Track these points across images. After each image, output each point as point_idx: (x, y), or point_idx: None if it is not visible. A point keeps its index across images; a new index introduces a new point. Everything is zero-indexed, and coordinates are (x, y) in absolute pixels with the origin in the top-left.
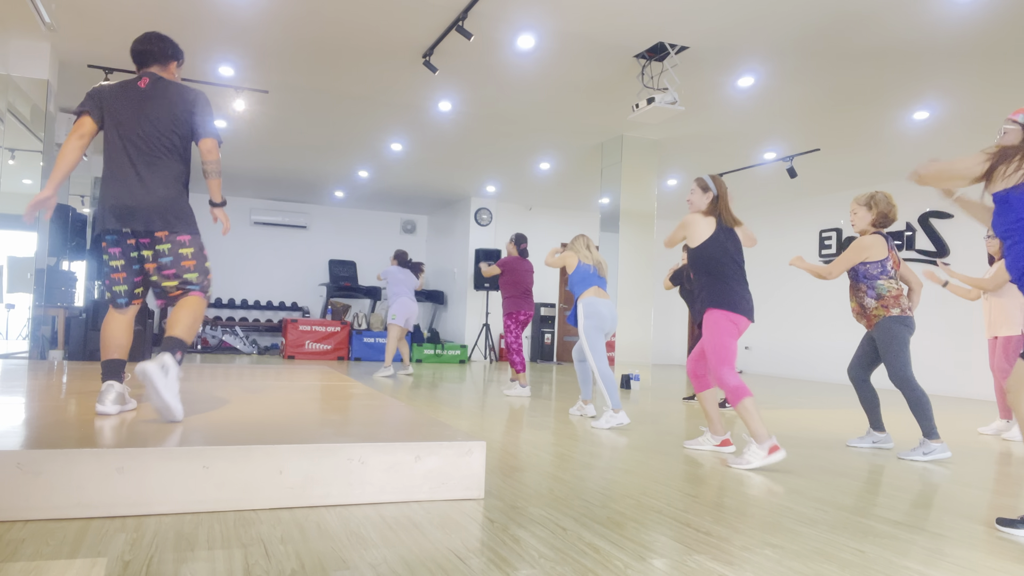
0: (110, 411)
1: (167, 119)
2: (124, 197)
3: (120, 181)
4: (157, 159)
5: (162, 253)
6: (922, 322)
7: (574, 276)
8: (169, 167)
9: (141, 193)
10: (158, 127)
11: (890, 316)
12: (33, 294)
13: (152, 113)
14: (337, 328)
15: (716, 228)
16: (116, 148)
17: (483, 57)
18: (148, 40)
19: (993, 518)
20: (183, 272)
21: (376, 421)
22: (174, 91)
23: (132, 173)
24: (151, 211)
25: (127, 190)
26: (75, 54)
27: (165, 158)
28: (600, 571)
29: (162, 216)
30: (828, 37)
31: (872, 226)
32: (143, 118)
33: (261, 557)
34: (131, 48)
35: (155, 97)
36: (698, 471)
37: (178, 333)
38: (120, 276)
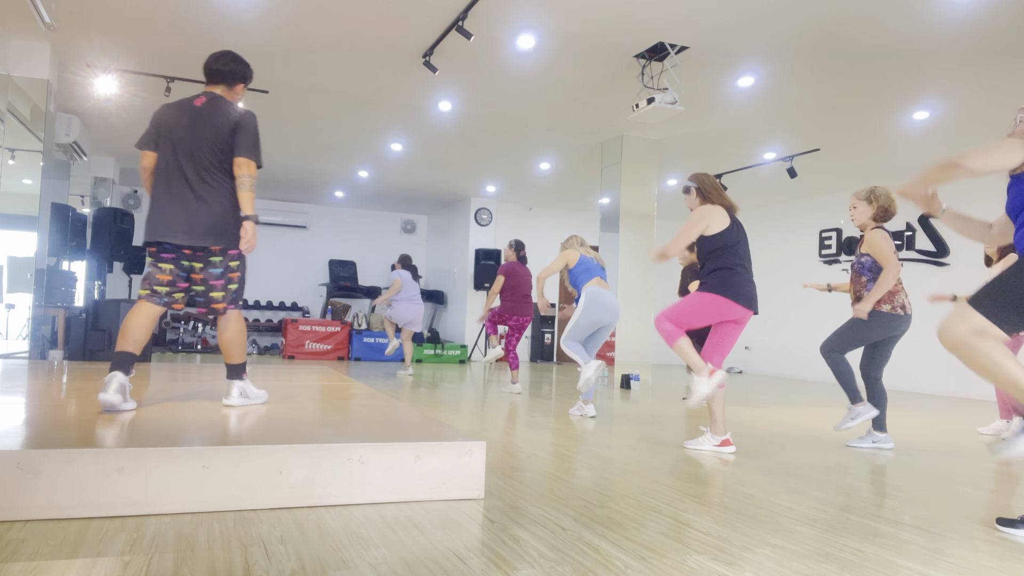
0: (112, 400)
1: (216, 138)
2: (178, 213)
3: (174, 197)
4: (209, 176)
5: (213, 264)
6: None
7: (576, 269)
8: (219, 184)
9: (195, 209)
10: (208, 145)
11: (876, 309)
12: (33, 294)
13: (203, 132)
14: (337, 328)
15: (730, 220)
16: (171, 165)
17: (483, 57)
18: (222, 60)
19: (993, 518)
20: (229, 284)
21: (376, 421)
22: (224, 110)
23: (187, 190)
24: (204, 227)
25: (182, 206)
26: (75, 54)
27: (216, 175)
28: (600, 571)
29: (215, 232)
30: (828, 37)
31: (872, 220)
32: (195, 137)
33: (261, 557)
34: (204, 64)
35: (208, 116)
36: (698, 471)
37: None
38: (166, 279)
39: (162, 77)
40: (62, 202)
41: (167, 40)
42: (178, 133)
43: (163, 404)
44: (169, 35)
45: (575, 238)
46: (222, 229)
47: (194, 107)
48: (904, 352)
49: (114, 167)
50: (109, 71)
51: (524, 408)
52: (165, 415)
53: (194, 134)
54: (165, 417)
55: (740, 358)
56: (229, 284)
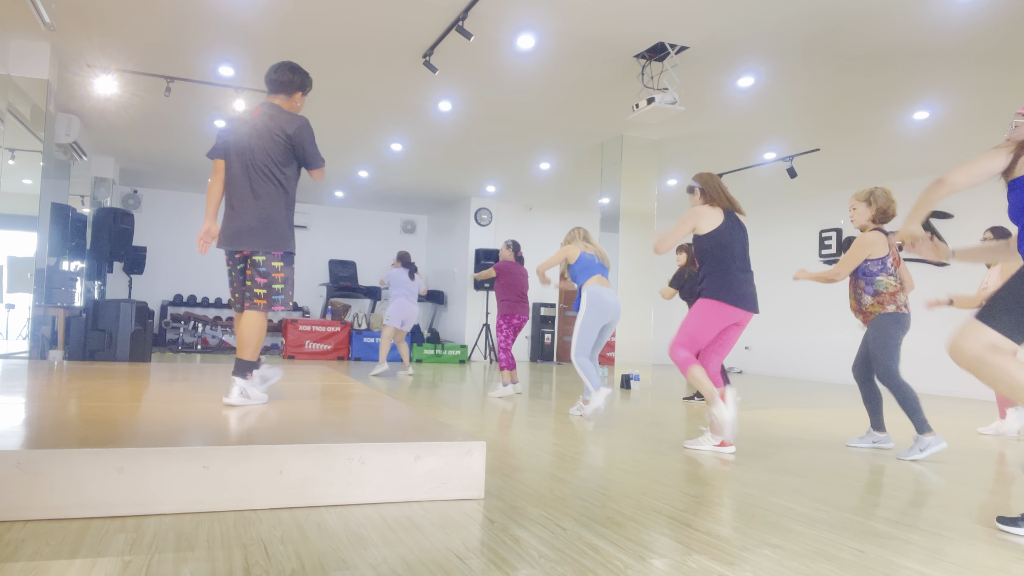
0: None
1: (269, 147)
2: (234, 219)
3: (234, 206)
4: (261, 185)
5: (257, 264)
6: (921, 322)
7: (576, 266)
8: (269, 192)
9: (247, 216)
10: (261, 155)
11: (884, 313)
12: (33, 294)
13: (257, 143)
14: (337, 328)
15: (724, 218)
16: (234, 174)
17: (483, 57)
18: (280, 71)
19: (992, 518)
20: (272, 283)
21: (376, 421)
22: (277, 120)
23: (246, 198)
24: (251, 233)
25: (238, 214)
26: (75, 54)
27: (268, 183)
28: (600, 571)
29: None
30: (828, 37)
31: (872, 222)
32: (251, 148)
33: (261, 557)
34: (265, 75)
35: (261, 127)
36: (698, 471)
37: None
38: (235, 284)
39: (162, 77)
40: (62, 202)
41: (167, 40)
42: (239, 144)
43: (163, 404)
44: (169, 35)
45: (578, 231)
46: (266, 234)
47: (253, 119)
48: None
49: (114, 167)
50: (109, 71)
51: (524, 408)
52: (165, 415)
53: (250, 145)
54: (165, 417)
55: (740, 358)
56: (273, 284)
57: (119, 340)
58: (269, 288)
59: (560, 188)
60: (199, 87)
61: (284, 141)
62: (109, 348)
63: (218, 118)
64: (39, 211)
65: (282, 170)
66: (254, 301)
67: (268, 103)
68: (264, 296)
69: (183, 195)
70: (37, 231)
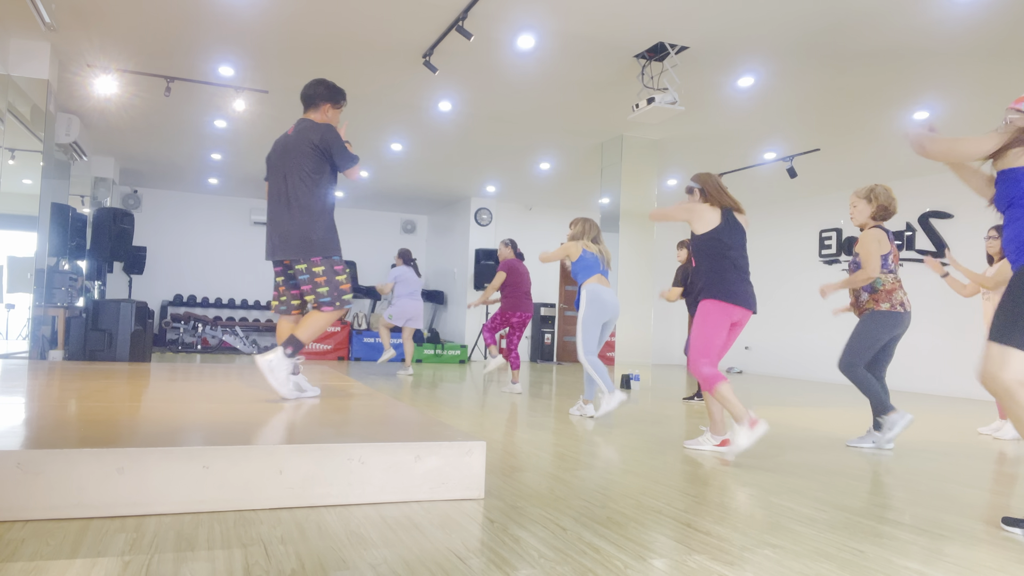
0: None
1: (300, 161)
2: (274, 233)
3: (272, 220)
4: (295, 197)
5: (301, 272)
6: (921, 322)
7: (577, 264)
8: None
9: (285, 228)
10: (295, 169)
11: (877, 310)
12: (33, 294)
13: (290, 158)
14: (337, 328)
15: (722, 218)
16: (272, 191)
17: (483, 57)
18: (309, 86)
19: (993, 518)
20: (316, 287)
21: (376, 421)
22: (306, 134)
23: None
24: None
25: (276, 227)
26: (75, 54)
27: (302, 196)
28: (600, 571)
29: (297, 246)
30: (828, 37)
31: (872, 219)
32: (286, 164)
33: (261, 557)
34: (300, 93)
35: (293, 144)
36: (698, 471)
37: (297, 334)
38: (281, 290)
39: (162, 77)
40: (62, 202)
41: (167, 40)
42: (275, 160)
43: (163, 404)
44: (169, 35)
45: (588, 228)
46: (302, 243)
47: (286, 137)
48: (904, 352)
49: (114, 167)
50: (109, 71)
51: (524, 408)
52: (165, 415)
53: (284, 161)
54: (165, 417)
55: (740, 358)
56: (318, 287)
57: (119, 340)
58: (316, 292)
59: (560, 188)
60: (199, 87)
61: (311, 150)
62: (109, 348)
63: (218, 118)
64: (39, 211)
65: (313, 178)
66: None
67: (301, 119)
68: (315, 301)
69: (183, 195)
70: (37, 231)
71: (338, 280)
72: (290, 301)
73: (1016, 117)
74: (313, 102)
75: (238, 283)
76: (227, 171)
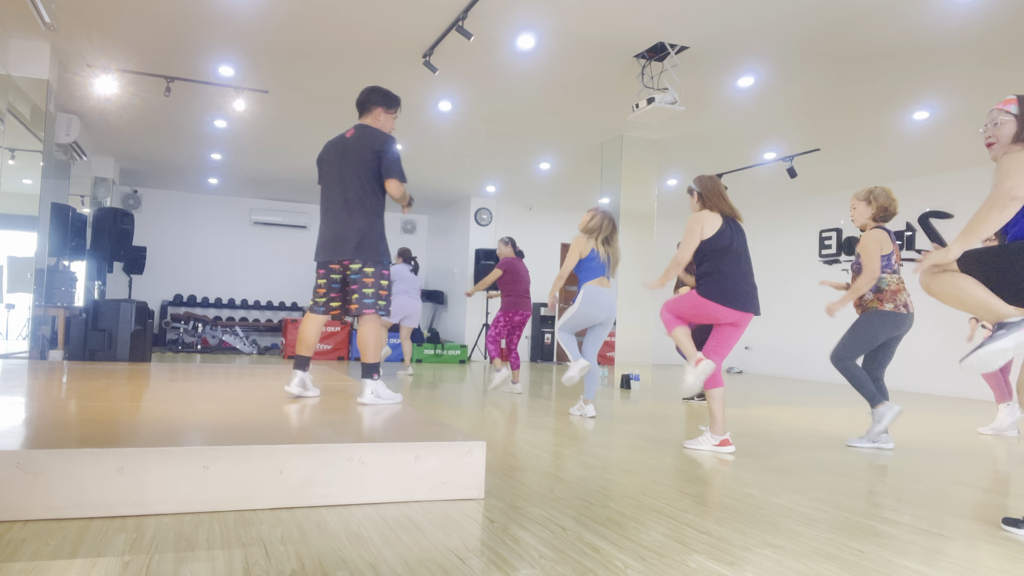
0: (294, 391)
1: (361, 165)
2: (329, 234)
3: (328, 221)
4: (355, 199)
5: (354, 271)
6: (921, 322)
7: (585, 262)
8: (363, 206)
9: (342, 229)
10: (354, 172)
11: (881, 310)
12: (33, 294)
13: (350, 160)
14: (337, 328)
15: (723, 222)
16: (328, 192)
17: (483, 57)
18: (363, 93)
19: (993, 518)
20: (363, 288)
21: (376, 421)
22: (368, 139)
23: (340, 212)
24: (347, 244)
25: (332, 228)
26: (75, 54)
27: (361, 198)
28: (600, 571)
29: (356, 247)
30: (828, 37)
31: (872, 220)
32: (344, 166)
33: (261, 557)
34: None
35: (354, 146)
36: (698, 471)
37: (366, 359)
38: (321, 291)
39: (162, 77)
40: (62, 202)
41: (167, 40)
42: (333, 163)
43: (163, 404)
44: (169, 35)
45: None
46: (361, 244)
47: (345, 139)
48: (904, 352)
49: (114, 167)
50: (109, 71)
51: (524, 408)
52: (165, 415)
53: (343, 164)
54: (165, 417)
55: (740, 358)
56: (364, 288)
57: (119, 340)
58: (361, 293)
59: (560, 188)
60: (199, 87)
61: (372, 156)
62: (109, 348)
63: (218, 118)
64: (39, 211)
65: (373, 184)
66: (363, 311)
67: (359, 124)
68: (357, 300)
69: (183, 195)
70: (37, 231)
71: (383, 285)
72: (329, 303)
73: (1007, 119)
74: (367, 107)
75: (238, 283)
76: (227, 171)
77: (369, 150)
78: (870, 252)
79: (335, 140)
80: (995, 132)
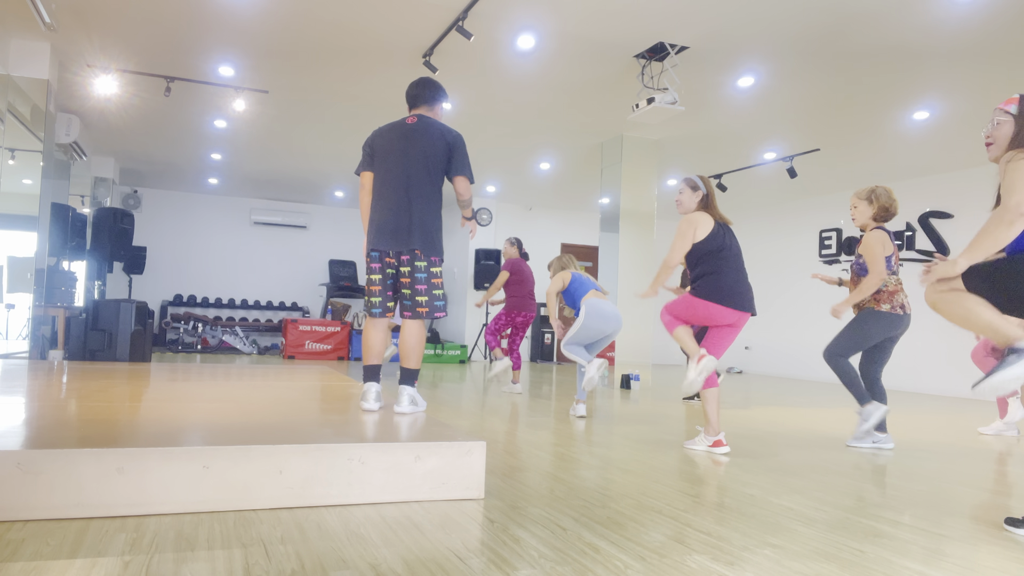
0: (373, 407)
1: (429, 151)
2: (390, 221)
3: (388, 208)
4: (419, 187)
5: (418, 269)
6: (921, 323)
7: (571, 286)
8: (428, 195)
9: (405, 217)
10: (421, 158)
11: (877, 310)
12: (33, 294)
13: (416, 148)
14: (337, 328)
15: (715, 224)
16: (387, 178)
17: (483, 57)
18: (418, 85)
19: (993, 518)
20: (432, 288)
21: (376, 421)
22: (437, 128)
23: (401, 199)
24: (411, 233)
25: (393, 215)
26: (75, 54)
27: (426, 186)
28: (600, 571)
29: (421, 238)
30: (828, 37)
31: (873, 220)
32: (408, 152)
33: (261, 557)
34: (405, 92)
35: (420, 133)
36: (697, 471)
37: (406, 365)
38: (376, 289)
39: (162, 77)
40: (62, 202)
41: (167, 40)
42: (392, 149)
43: (163, 404)
44: (169, 35)
45: (565, 258)
46: (425, 236)
47: (407, 125)
48: (904, 352)
49: (114, 167)
50: (109, 71)
51: (524, 408)
52: (165, 415)
53: (407, 150)
54: (165, 417)
55: (740, 358)
56: (434, 290)
57: (119, 340)
58: (431, 295)
59: (560, 188)
60: (199, 87)
61: (444, 147)
62: (109, 348)
63: (218, 118)
64: (39, 211)
65: (437, 176)
66: (416, 310)
67: (420, 115)
68: (426, 304)
69: (183, 195)
70: (37, 231)
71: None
72: (386, 303)
73: (1005, 120)
74: (427, 102)
75: (238, 283)
76: (227, 171)
77: (442, 140)
78: (874, 253)
79: (394, 124)
80: (994, 132)
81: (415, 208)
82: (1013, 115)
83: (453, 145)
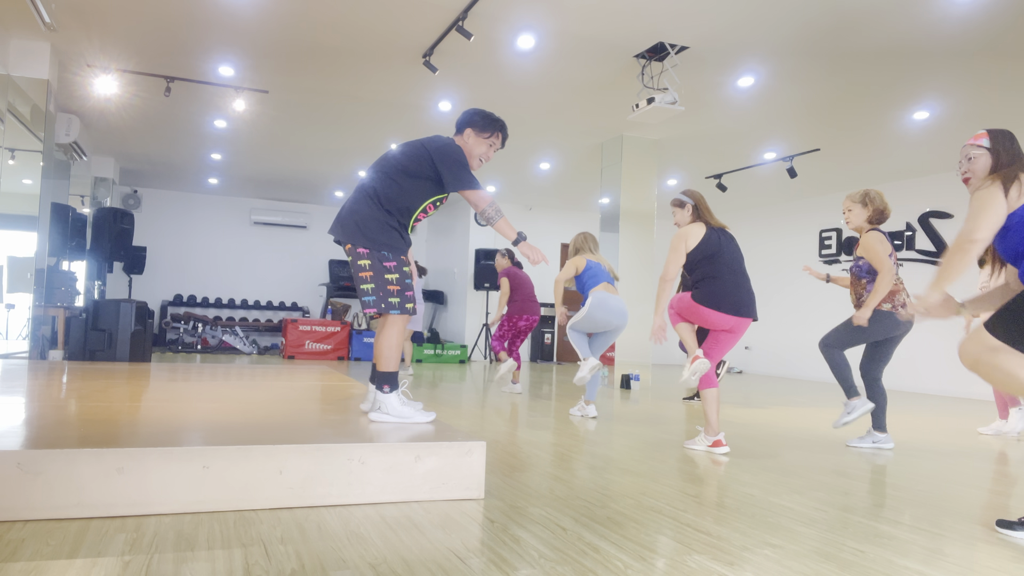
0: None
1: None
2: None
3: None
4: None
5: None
6: (919, 322)
7: (584, 275)
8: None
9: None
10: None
11: (878, 309)
12: (33, 294)
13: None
14: (337, 328)
15: (707, 230)
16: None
17: (483, 57)
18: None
19: (992, 518)
20: (361, 283)
21: (376, 421)
22: (423, 139)
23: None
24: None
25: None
26: (75, 54)
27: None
28: (600, 571)
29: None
30: (828, 37)
31: (868, 223)
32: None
33: (261, 557)
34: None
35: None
36: (698, 471)
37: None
38: None
39: (162, 77)
40: (62, 202)
41: (167, 40)
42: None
43: (163, 404)
44: (169, 35)
45: (588, 240)
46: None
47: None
48: (904, 352)
49: (114, 167)
50: (109, 71)
51: (524, 408)
52: (165, 415)
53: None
54: (165, 417)
55: (740, 358)
56: (362, 284)
57: (119, 340)
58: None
59: (560, 188)
60: (199, 87)
61: (423, 155)
62: (109, 348)
63: (218, 118)
64: (39, 211)
65: (404, 177)
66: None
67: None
68: (365, 299)
69: (183, 195)
70: (37, 231)
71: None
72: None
73: (980, 154)
74: (456, 125)
75: (238, 283)
76: (227, 171)
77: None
78: (878, 253)
79: None
80: (970, 167)
81: (352, 198)
82: (987, 148)
83: (435, 154)
